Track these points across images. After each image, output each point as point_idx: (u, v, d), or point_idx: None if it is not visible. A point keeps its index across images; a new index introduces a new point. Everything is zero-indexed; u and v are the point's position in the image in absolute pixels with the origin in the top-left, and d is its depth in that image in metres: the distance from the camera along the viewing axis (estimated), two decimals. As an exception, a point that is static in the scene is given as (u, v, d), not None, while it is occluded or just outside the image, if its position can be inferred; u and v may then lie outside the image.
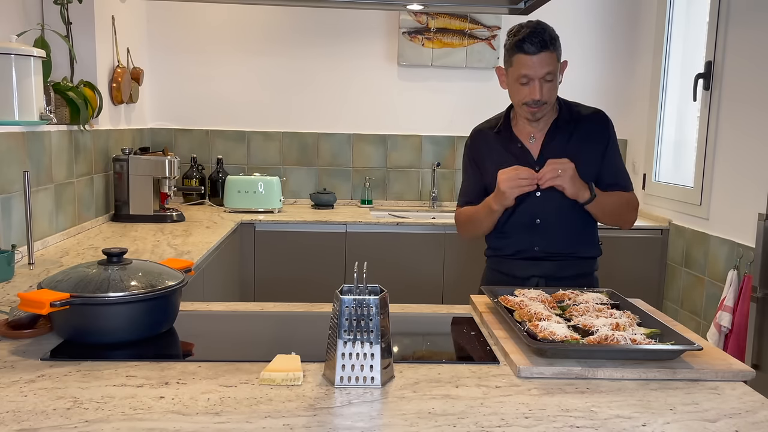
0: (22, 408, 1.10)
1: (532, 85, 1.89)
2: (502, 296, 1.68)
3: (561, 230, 2.00)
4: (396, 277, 3.37)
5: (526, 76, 1.88)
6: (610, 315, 1.55)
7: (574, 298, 1.68)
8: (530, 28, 1.87)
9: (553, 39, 1.88)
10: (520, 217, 2.01)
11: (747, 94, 2.96)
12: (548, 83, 1.89)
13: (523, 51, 1.86)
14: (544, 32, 1.86)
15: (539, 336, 1.39)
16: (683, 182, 3.54)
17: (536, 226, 2.00)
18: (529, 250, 2.02)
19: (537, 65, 1.86)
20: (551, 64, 1.87)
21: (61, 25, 2.77)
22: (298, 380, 1.23)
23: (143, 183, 3.21)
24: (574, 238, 2.02)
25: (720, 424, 1.12)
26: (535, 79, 1.88)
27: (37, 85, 2.12)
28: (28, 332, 1.44)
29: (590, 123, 2.02)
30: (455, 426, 1.08)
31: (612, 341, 1.36)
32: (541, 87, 1.88)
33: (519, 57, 1.88)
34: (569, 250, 2.01)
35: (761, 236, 2.47)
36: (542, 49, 1.85)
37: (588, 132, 2.00)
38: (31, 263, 2.21)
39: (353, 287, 1.27)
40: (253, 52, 4.02)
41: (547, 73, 1.87)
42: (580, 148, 1.97)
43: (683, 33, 3.66)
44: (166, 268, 1.55)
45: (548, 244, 2.00)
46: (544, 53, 1.85)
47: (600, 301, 1.64)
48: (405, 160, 4.14)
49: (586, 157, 1.96)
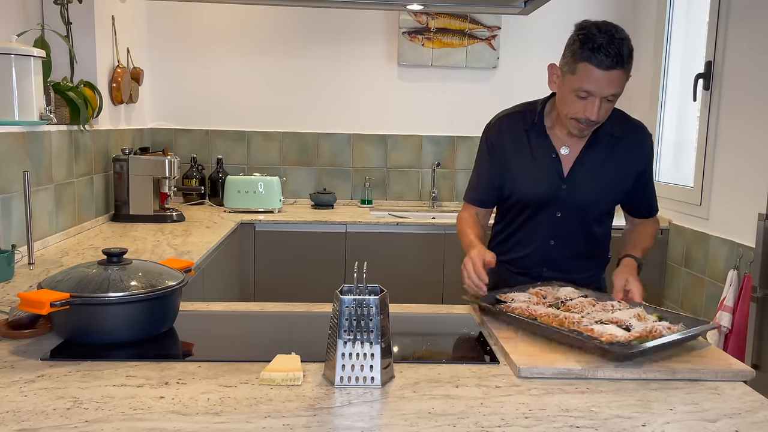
0: (22, 408, 1.10)
1: (591, 101, 1.64)
2: (503, 305, 1.60)
3: (574, 253, 1.86)
4: (396, 277, 3.37)
5: (588, 91, 1.63)
6: (612, 307, 1.56)
7: (554, 294, 1.68)
8: (608, 35, 1.59)
9: (631, 54, 1.62)
10: (532, 234, 1.86)
11: (747, 94, 2.96)
12: (608, 103, 1.66)
13: (595, 62, 1.59)
14: (622, 44, 1.59)
15: (604, 339, 1.34)
16: (683, 182, 3.54)
17: (549, 247, 1.85)
18: (537, 270, 1.87)
19: (605, 83, 1.60)
20: (620, 85, 1.63)
21: (61, 25, 2.77)
22: (298, 380, 1.23)
23: (143, 183, 3.21)
24: (585, 260, 1.89)
25: (720, 424, 1.12)
26: (597, 97, 1.63)
27: (37, 85, 2.12)
28: (28, 332, 1.44)
29: (632, 141, 1.81)
30: (455, 426, 1.08)
31: (656, 333, 1.38)
32: (600, 107, 1.65)
33: (587, 67, 1.60)
34: (579, 274, 1.85)
35: (761, 236, 2.47)
36: (616, 65, 1.59)
37: (627, 150, 1.80)
38: (31, 263, 2.21)
39: (353, 287, 1.27)
40: (253, 52, 4.02)
41: (612, 94, 1.64)
42: (615, 169, 1.80)
43: (683, 33, 3.66)
44: (166, 268, 1.55)
45: (558, 267, 1.86)
46: (617, 70, 1.60)
47: (576, 294, 1.66)
48: (405, 160, 4.14)
49: (619, 177, 1.81)
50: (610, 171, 1.80)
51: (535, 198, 1.82)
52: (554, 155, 1.80)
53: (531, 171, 1.81)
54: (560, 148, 1.81)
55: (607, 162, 1.80)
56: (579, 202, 1.81)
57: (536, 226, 1.85)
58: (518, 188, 1.84)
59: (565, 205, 1.82)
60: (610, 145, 1.80)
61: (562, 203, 1.81)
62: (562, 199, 1.81)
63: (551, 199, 1.81)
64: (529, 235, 1.87)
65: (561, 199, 1.81)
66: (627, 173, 1.82)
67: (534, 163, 1.81)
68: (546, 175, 1.80)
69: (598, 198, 1.83)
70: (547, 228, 1.84)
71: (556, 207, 1.82)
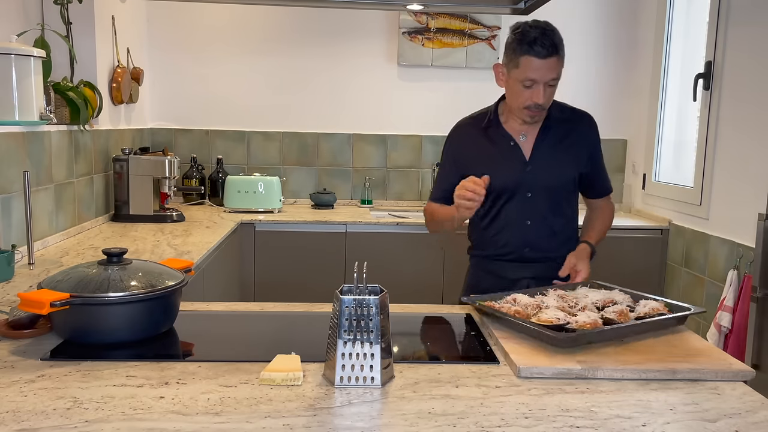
0: (22, 408, 1.10)
1: (536, 88, 1.85)
2: (490, 302, 1.62)
3: (551, 231, 1.99)
4: (396, 277, 3.37)
5: (532, 80, 1.83)
6: (584, 296, 1.65)
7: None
8: (539, 29, 1.82)
9: (562, 43, 1.84)
10: (509, 217, 1.99)
11: (747, 94, 2.96)
12: (551, 88, 1.87)
13: (533, 54, 1.80)
14: (554, 35, 1.82)
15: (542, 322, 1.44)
16: (683, 182, 3.54)
17: (527, 227, 1.98)
18: (519, 251, 2.00)
19: (545, 69, 1.82)
20: (557, 69, 1.84)
21: (61, 25, 2.77)
22: (298, 380, 1.23)
23: (143, 183, 3.21)
24: (561, 237, 2.02)
25: (720, 424, 1.12)
26: (540, 83, 1.84)
27: (37, 85, 2.12)
28: (28, 332, 1.44)
29: (580, 125, 2.02)
30: (455, 426, 1.08)
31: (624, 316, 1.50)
32: (544, 91, 1.85)
33: (527, 59, 1.82)
34: (559, 251, 2.00)
35: (761, 236, 2.47)
36: (552, 53, 1.81)
37: (578, 134, 2.01)
38: (31, 263, 2.21)
39: (353, 287, 1.27)
40: (253, 52, 4.02)
41: (552, 78, 1.84)
42: (569, 149, 1.99)
43: (683, 33, 3.66)
44: (166, 268, 1.55)
45: (539, 246, 1.99)
46: (553, 58, 1.82)
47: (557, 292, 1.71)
48: (405, 160, 4.14)
49: (574, 158, 1.99)
50: (565, 150, 1.98)
51: (504, 184, 1.96)
52: (513, 143, 1.98)
53: (494, 161, 1.97)
54: (517, 137, 1.99)
55: (561, 143, 1.98)
56: (545, 179, 1.97)
57: (511, 210, 1.99)
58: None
59: (533, 185, 1.97)
60: (562, 128, 1.99)
61: (529, 184, 1.97)
62: (529, 180, 1.97)
63: (519, 182, 1.97)
64: (507, 219, 2.00)
65: (528, 180, 1.97)
66: (580, 152, 2.01)
67: (496, 154, 1.99)
68: (509, 162, 1.97)
69: (561, 174, 1.99)
70: (521, 209, 1.98)
71: (526, 188, 1.97)
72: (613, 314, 1.52)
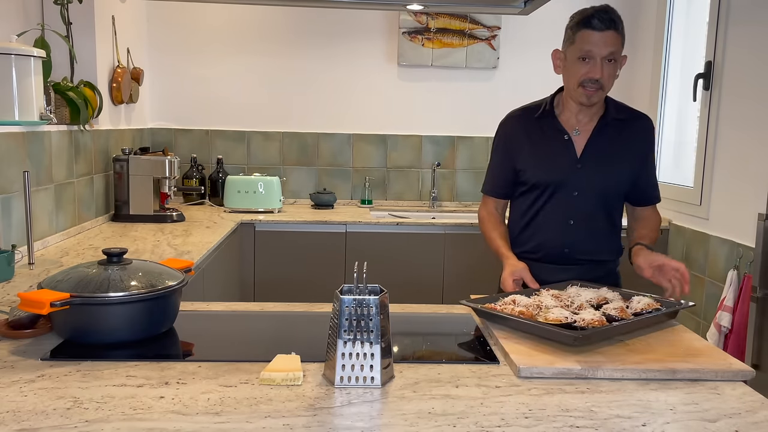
0: (22, 408, 1.10)
1: (593, 63, 1.80)
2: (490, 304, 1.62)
3: (593, 233, 1.94)
4: (396, 277, 3.37)
5: (590, 52, 1.79)
6: (577, 294, 1.66)
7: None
8: (597, 8, 1.81)
9: (621, 21, 1.81)
10: (552, 215, 1.93)
11: (747, 93, 2.96)
12: (609, 65, 1.81)
13: (591, 26, 1.78)
14: (612, 12, 1.81)
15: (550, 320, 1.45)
16: (683, 182, 3.54)
17: (569, 227, 1.93)
18: (558, 253, 1.94)
19: (602, 42, 1.78)
20: (616, 45, 1.80)
21: (61, 25, 2.77)
22: (298, 380, 1.23)
23: (143, 183, 3.21)
24: (603, 240, 1.97)
25: (720, 424, 1.12)
26: (597, 58, 1.79)
27: (37, 85, 2.12)
28: (28, 332, 1.44)
29: (636, 126, 1.96)
30: (455, 426, 1.08)
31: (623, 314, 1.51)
32: (602, 66, 1.80)
33: (584, 33, 1.79)
34: (599, 255, 1.96)
35: (761, 236, 2.47)
36: (609, 27, 1.78)
37: (633, 135, 1.94)
38: (31, 263, 2.21)
39: (353, 287, 1.27)
40: (253, 53, 4.02)
41: (611, 53, 1.79)
42: (623, 150, 1.92)
43: (683, 32, 3.66)
44: (166, 268, 1.55)
45: (578, 247, 1.93)
46: (611, 32, 1.79)
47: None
48: (405, 160, 4.14)
49: (627, 160, 1.93)
50: (619, 151, 1.92)
51: (554, 179, 1.92)
52: (566, 137, 1.92)
53: (546, 154, 1.93)
54: (572, 131, 1.93)
55: (615, 143, 1.92)
56: (594, 180, 1.91)
57: (555, 207, 1.94)
58: (536, 171, 1.94)
59: (581, 184, 1.91)
60: (617, 129, 1.93)
61: (578, 182, 1.91)
62: (578, 178, 1.91)
63: (568, 178, 1.91)
64: (549, 216, 1.95)
65: (577, 178, 1.91)
66: (634, 155, 1.95)
67: (548, 147, 1.94)
68: (561, 157, 1.92)
69: (611, 176, 1.93)
70: (566, 208, 1.93)
71: (573, 187, 1.92)
72: (614, 311, 1.53)
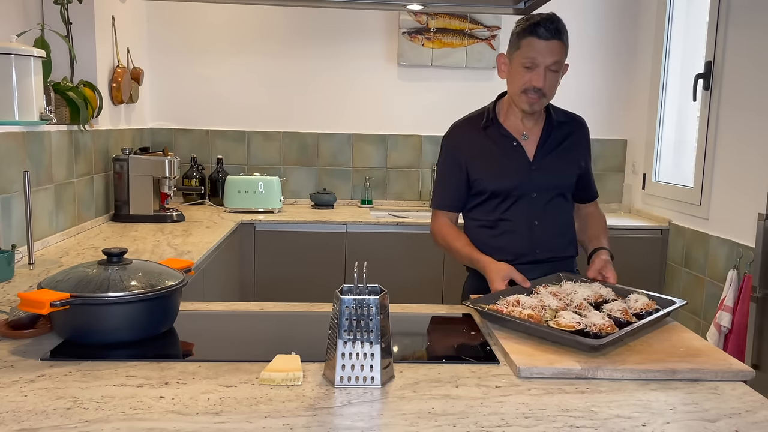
0: (22, 408, 1.10)
1: (536, 71, 1.83)
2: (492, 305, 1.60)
3: (556, 231, 1.99)
4: (396, 277, 3.37)
5: (533, 60, 1.82)
6: (573, 292, 1.65)
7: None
8: (544, 16, 1.84)
9: (566, 32, 1.85)
10: (516, 221, 1.95)
11: (747, 94, 2.96)
12: (552, 74, 1.85)
13: (536, 35, 1.81)
14: (558, 22, 1.84)
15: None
16: (683, 182, 3.54)
17: (534, 228, 1.95)
18: (530, 254, 1.95)
19: (546, 51, 1.81)
20: (560, 54, 1.83)
21: (61, 25, 2.77)
22: (298, 380, 1.23)
23: (143, 183, 3.21)
24: (568, 237, 2.03)
25: (720, 424, 1.12)
26: (540, 66, 1.82)
27: (37, 85, 2.12)
28: (28, 332, 1.44)
29: (578, 128, 2.03)
30: (455, 426, 1.08)
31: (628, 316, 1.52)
32: (545, 75, 1.83)
33: (529, 40, 1.82)
34: (566, 251, 2.01)
35: (761, 236, 2.47)
36: (555, 36, 1.81)
37: (576, 136, 2.02)
38: (31, 263, 2.21)
39: (353, 287, 1.27)
40: (253, 53, 4.02)
41: (554, 62, 1.83)
42: (570, 150, 1.99)
43: (683, 33, 3.66)
44: (166, 268, 1.55)
45: (547, 247, 1.96)
46: (556, 41, 1.82)
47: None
48: (405, 160, 4.14)
49: (574, 161, 2.00)
50: (567, 151, 1.99)
51: (512, 183, 1.94)
52: (515, 143, 1.96)
53: (498, 162, 1.95)
54: (519, 137, 1.96)
55: (563, 144, 1.99)
56: (550, 179, 1.96)
57: (518, 211, 1.96)
58: (492, 179, 1.96)
59: (539, 186, 1.95)
60: (562, 131, 1.99)
61: (535, 184, 1.95)
62: (535, 180, 1.95)
63: (525, 182, 1.94)
64: (515, 220, 1.97)
65: (534, 180, 1.95)
66: (579, 154, 2.03)
67: (499, 155, 1.96)
68: (514, 162, 1.95)
69: (564, 175, 1.99)
70: (529, 210, 1.96)
71: (531, 188, 1.95)
72: (618, 313, 1.52)
